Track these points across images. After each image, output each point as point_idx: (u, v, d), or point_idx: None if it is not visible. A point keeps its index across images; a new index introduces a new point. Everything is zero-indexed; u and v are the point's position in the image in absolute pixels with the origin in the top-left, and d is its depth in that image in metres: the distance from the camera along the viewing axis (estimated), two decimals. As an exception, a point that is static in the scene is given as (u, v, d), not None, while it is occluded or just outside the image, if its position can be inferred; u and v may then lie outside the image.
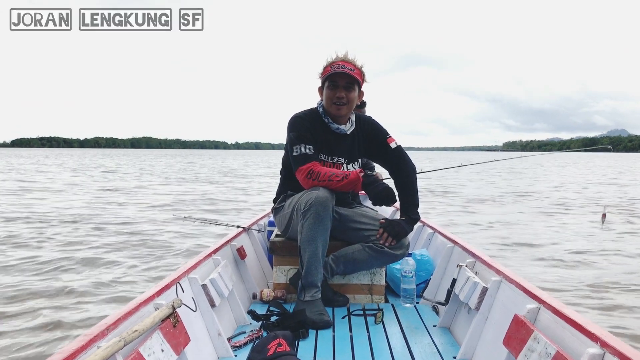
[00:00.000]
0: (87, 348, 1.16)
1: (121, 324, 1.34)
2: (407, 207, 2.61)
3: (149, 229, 7.49)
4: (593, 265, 5.54)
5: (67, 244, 6.28)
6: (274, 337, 1.88)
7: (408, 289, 2.63)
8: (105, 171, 27.57)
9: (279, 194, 2.74)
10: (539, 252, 6.22)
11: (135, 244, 6.37)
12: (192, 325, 1.75)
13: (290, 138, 2.52)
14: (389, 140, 2.65)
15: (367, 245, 2.55)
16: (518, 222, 8.96)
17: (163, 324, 1.47)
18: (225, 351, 1.94)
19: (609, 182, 21.61)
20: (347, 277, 2.67)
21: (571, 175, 26.36)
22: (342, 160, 2.61)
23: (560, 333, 1.39)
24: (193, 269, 2.05)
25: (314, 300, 2.36)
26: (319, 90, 2.61)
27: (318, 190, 2.38)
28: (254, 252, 3.14)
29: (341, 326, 2.29)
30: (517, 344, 1.50)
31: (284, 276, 2.69)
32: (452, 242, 2.72)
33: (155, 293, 1.61)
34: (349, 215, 2.61)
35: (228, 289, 2.24)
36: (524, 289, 1.72)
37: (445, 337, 2.18)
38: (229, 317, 2.30)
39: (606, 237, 7.45)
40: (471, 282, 2.10)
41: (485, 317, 1.95)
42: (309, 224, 2.36)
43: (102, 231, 7.26)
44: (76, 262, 5.26)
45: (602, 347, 1.17)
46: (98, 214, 9.13)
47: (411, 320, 2.40)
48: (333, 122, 2.56)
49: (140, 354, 1.29)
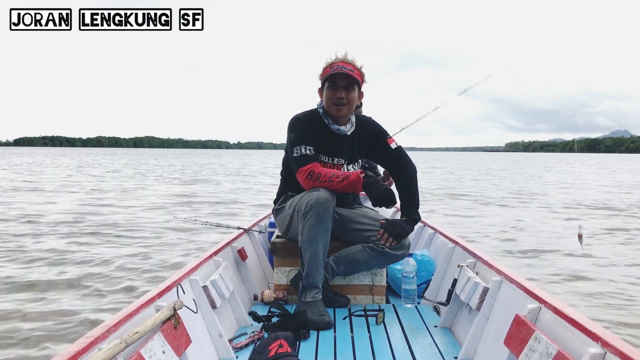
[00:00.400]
0: (88, 350, 1.16)
1: (122, 326, 1.34)
2: (407, 207, 2.61)
3: (150, 231, 7.50)
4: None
5: (67, 241, 6.28)
6: (275, 338, 1.88)
7: (409, 290, 2.63)
8: (109, 171, 27.53)
9: (280, 195, 2.74)
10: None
11: (134, 245, 6.38)
12: (193, 327, 1.75)
13: (291, 139, 2.52)
14: (389, 140, 2.65)
15: (368, 246, 2.55)
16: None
17: (164, 326, 1.47)
18: (226, 352, 1.94)
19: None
20: (348, 278, 2.67)
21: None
22: (342, 161, 2.61)
23: (561, 333, 1.39)
24: (194, 271, 2.05)
25: (315, 301, 2.37)
26: (318, 91, 2.62)
27: (319, 191, 2.38)
28: (254, 253, 3.14)
29: (342, 327, 2.30)
30: (518, 344, 1.51)
31: (285, 277, 2.69)
32: (453, 243, 2.73)
33: (156, 295, 1.61)
34: (349, 216, 2.61)
35: (229, 290, 2.24)
36: (524, 289, 1.72)
37: (446, 338, 2.18)
38: (230, 318, 2.30)
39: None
40: (472, 283, 2.10)
41: (487, 317, 1.95)
42: (309, 225, 2.36)
43: (99, 232, 7.26)
44: (75, 263, 5.27)
45: (603, 347, 1.17)
46: (96, 214, 9.13)
47: (412, 320, 2.40)
48: (333, 123, 2.56)
49: (141, 356, 1.29)
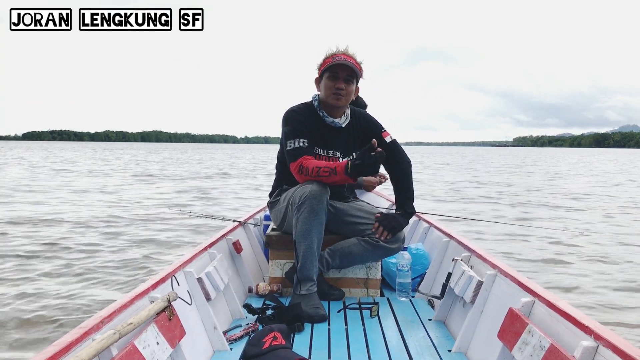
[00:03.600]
0: (81, 340, 1.16)
1: (116, 317, 1.34)
2: (402, 200, 2.61)
3: (143, 223, 7.48)
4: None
5: (68, 238, 6.26)
6: (270, 331, 1.88)
7: (404, 283, 2.63)
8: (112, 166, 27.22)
9: (275, 188, 2.73)
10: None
11: (128, 238, 6.36)
12: (187, 319, 1.75)
13: (285, 132, 2.51)
14: (384, 134, 2.65)
15: (363, 239, 2.55)
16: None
17: (158, 317, 1.47)
18: (220, 344, 1.94)
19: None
20: (342, 271, 2.67)
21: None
22: (337, 154, 2.61)
23: (554, 326, 1.40)
24: (189, 263, 2.05)
25: (310, 293, 2.37)
26: (315, 81, 2.60)
27: (312, 184, 2.38)
28: (250, 246, 3.14)
29: (337, 320, 2.30)
30: (511, 337, 1.51)
31: (280, 270, 2.69)
32: (448, 237, 2.73)
33: (151, 286, 1.61)
34: (344, 209, 2.61)
35: (224, 283, 2.24)
36: (518, 283, 1.72)
37: (440, 331, 2.19)
38: (224, 310, 2.30)
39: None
40: (466, 276, 2.11)
41: (480, 311, 1.95)
42: (303, 218, 2.36)
43: (90, 226, 7.23)
44: (77, 251, 5.25)
45: (596, 340, 1.18)
46: (92, 209, 9.10)
47: (406, 313, 2.41)
48: (328, 115, 2.55)
49: (135, 347, 1.29)
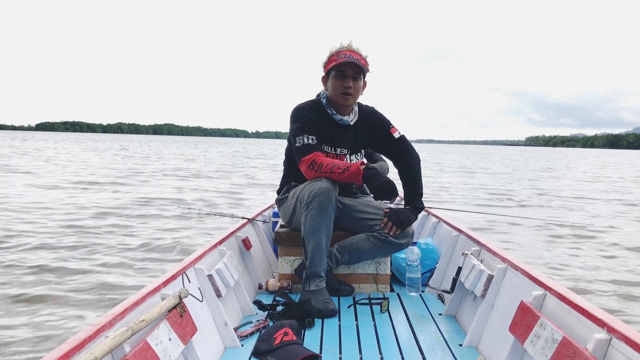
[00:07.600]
0: (94, 338, 1.17)
1: (128, 314, 1.35)
2: (411, 196, 2.60)
3: (153, 220, 7.51)
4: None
5: (68, 234, 6.31)
6: (280, 327, 1.89)
7: (413, 278, 2.63)
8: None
9: (283, 185, 2.74)
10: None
11: (138, 235, 6.40)
12: (198, 315, 1.76)
13: (293, 129, 2.51)
14: (392, 130, 2.64)
15: (372, 235, 2.55)
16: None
17: (170, 314, 1.48)
18: (232, 341, 1.95)
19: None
20: (352, 267, 2.67)
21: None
22: (345, 152, 2.60)
23: (566, 319, 1.39)
24: (199, 260, 2.06)
25: (319, 289, 2.37)
26: (322, 79, 2.60)
27: (321, 181, 2.38)
28: (259, 243, 3.15)
29: (347, 315, 2.30)
30: (523, 330, 1.51)
31: (289, 266, 2.70)
32: (457, 231, 2.72)
33: (162, 283, 1.62)
34: (353, 205, 2.61)
35: (234, 280, 2.25)
36: (529, 276, 1.71)
37: (451, 325, 2.18)
38: (235, 307, 2.31)
39: None
40: (477, 270, 2.10)
41: (491, 305, 1.95)
42: (312, 215, 2.36)
43: (102, 220, 7.27)
44: (83, 249, 5.29)
45: (609, 332, 1.17)
46: (98, 204, 9.15)
47: (417, 308, 2.41)
48: (336, 113, 2.55)
49: (147, 344, 1.30)
